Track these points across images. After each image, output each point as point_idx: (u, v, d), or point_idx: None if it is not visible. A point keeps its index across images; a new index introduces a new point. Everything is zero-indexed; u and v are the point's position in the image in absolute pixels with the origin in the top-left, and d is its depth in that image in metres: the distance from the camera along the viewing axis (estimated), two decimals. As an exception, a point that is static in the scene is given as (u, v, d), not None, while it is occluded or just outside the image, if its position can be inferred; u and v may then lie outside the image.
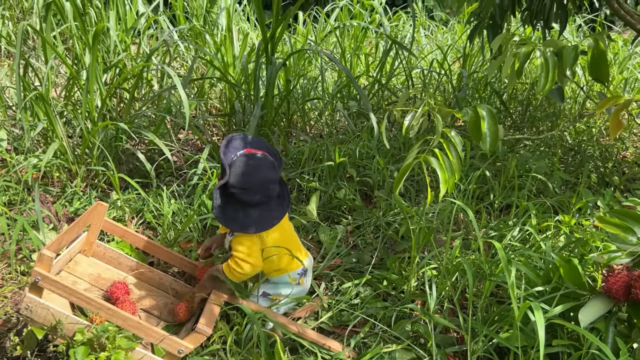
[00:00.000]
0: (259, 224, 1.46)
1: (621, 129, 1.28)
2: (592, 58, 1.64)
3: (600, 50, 1.61)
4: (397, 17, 5.33)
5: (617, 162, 3.07)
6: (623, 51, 4.44)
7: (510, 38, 1.76)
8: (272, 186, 1.47)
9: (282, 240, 1.54)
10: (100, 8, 3.19)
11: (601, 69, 1.64)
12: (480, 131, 1.60)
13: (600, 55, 1.62)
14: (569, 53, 1.64)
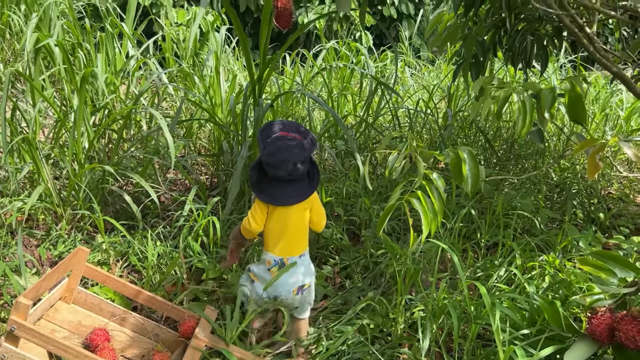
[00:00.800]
0: (270, 197, 1.64)
1: (598, 171, 1.30)
2: (569, 101, 1.67)
3: (577, 94, 1.65)
4: (384, 57, 5.44)
5: (602, 198, 3.10)
6: (604, 89, 4.54)
7: (490, 81, 1.80)
8: (299, 165, 1.62)
9: (278, 223, 1.66)
10: (90, 50, 3.24)
11: (579, 112, 1.68)
12: (461, 173, 1.61)
13: (577, 98, 1.66)
14: (546, 96, 1.67)
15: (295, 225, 1.68)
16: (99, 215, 2.16)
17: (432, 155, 1.68)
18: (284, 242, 1.67)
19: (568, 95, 1.66)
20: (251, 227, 1.66)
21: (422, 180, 1.58)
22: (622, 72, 1.90)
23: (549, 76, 4.34)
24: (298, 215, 1.68)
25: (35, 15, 2.94)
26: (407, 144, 1.71)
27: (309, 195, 1.68)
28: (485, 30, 2.82)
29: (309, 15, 6.99)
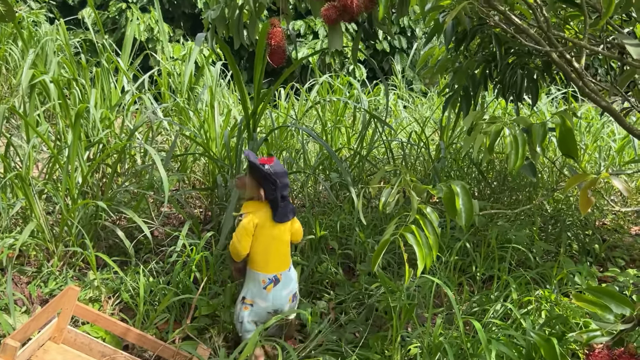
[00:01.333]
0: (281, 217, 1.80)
1: (591, 205, 1.30)
2: (560, 135, 1.69)
3: (567, 128, 1.67)
4: (377, 90, 5.51)
5: (596, 229, 3.11)
6: (596, 120, 4.60)
7: (481, 116, 1.82)
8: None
9: (265, 242, 1.79)
10: (86, 85, 3.26)
11: (570, 145, 1.69)
12: (455, 207, 1.61)
13: (567, 132, 1.67)
14: (537, 130, 1.69)
15: (283, 241, 1.83)
16: (91, 252, 2.14)
17: (426, 190, 1.68)
18: (274, 258, 1.80)
19: (559, 130, 1.68)
20: (241, 251, 1.78)
21: (415, 214, 1.58)
22: (611, 106, 1.93)
23: (540, 109, 4.39)
24: (285, 231, 1.83)
25: (32, 52, 2.96)
26: (401, 178, 1.72)
27: (295, 212, 1.86)
28: (476, 64, 2.87)
29: (302, 50, 7.10)
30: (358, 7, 1.69)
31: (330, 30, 1.87)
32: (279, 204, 1.78)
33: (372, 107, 5.04)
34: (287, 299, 1.84)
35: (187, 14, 8.01)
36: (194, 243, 2.37)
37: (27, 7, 6.76)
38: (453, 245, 2.43)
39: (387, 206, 1.70)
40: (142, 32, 7.00)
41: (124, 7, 7.40)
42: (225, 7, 2.02)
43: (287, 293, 1.83)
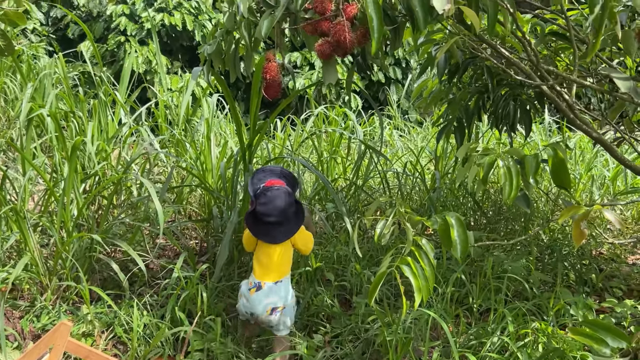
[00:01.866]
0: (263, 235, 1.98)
1: (584, 238, 1.31)
2: (552, 166, 1.71)
3: (560, 160, 1.69)
4: (372, 120, 5.57)
5: (593, 259, 3.10)
6: (589, 149, 4.64)
7: (475, 147, 1.84)
8: (289, 210, 1.95)
9: (262, 253, 1.99)
10: (83, 118, 3.29)
11: (562, 177, 1.71)
12: (450, 239, 1.62)
13: (560, 164, 1.69)
14: (530, 162, 1.71)
15: (277, 257, 1.98)
16: (85, 286, 2.12)
17: (420, 222, 1.69)
18: (263, 269, 1.98)
19: (551, 161, 1.70)
20: (245, 247, 2.08)
21: (411, 246, 1.58)
22: (602, 138, 1.95)
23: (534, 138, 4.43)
24: (282, 249, 1.99)
25: (30, 86, 3.00)
26: (395, 209, 1.72)
27: (295, 232, 2.00)
28: (469, 96, 2.91)
29: (299, 81, 7.18)
30: (351, 43, 1.72)
31: (325, 65, 1.90)
32: (253, 223, 1.98)
33: (367, 138, 5.08)
34: (265, 309, 1.94)
35: (185, 47, 8.11)
36: (188, 276, 2.36)
37: (27, 40, 6.86)
38: (449, 276, 2.42)
39: (383, 238, 1.70)
40: (140, 64, 7.08)
41: (123, 40, 7.50)
42: (222, 41, 2.05)
43: (266, 303, 1.94)
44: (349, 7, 1.77)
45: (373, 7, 1.64)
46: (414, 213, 1.71)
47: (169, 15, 7.51)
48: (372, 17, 1.64)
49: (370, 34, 1.65)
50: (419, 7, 1.62)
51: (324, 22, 1.81)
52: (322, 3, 1.79)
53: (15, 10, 2.36)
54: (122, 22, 7.56)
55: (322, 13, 1.80)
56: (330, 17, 1.80)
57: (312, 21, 1.83)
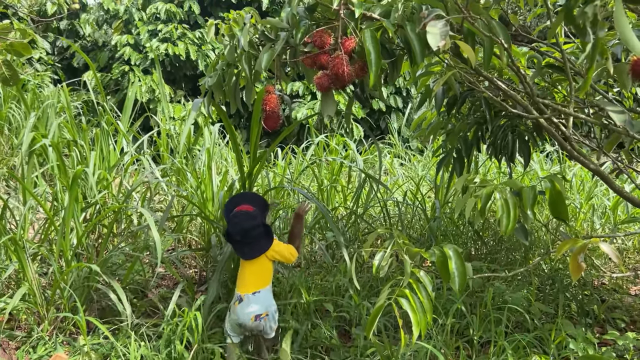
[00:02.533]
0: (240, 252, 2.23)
1: (581, 271, 1.30)
2: (550, 199, 1.71)
3: (557, 192, 1.69)
4: (374, 149, 5.59)
5: (595, 289, 3.08)
6: (588, 178, 4.64)
7: (472, 179, 1.85)
8: (253, 231, 2.16)
9: (241, 267, 2.22)
10: (85, 147, 3.32)
11: (560, 209, 1.71)
12: (448, 271, 1.61)
13: (557, 196, 1.69)
14: (528, 194, 1.71)
15: (252, 271, 2.18)
16: (81, 317, 2.11)
17: (419, 253, 1.69)
18: (242, 282, 2.18)
19: (549, 193, 1.70)
20: None
21: (409, 279, 1.57)
22: (599, 169, 1.96)
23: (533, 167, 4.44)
24: (256, 263, 2.19)
25: (33, 115, 3.04)
26: (393, 241, 1.72)
27: (265, 250, 2.19)
28: (467, 127, 2.93)
29: (301, 110, 7.26)
30: (349, 76, 1.75)
31: (323, 97, 1.93)
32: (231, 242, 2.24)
33: (368, 166, 5.11)
34: (249, 317, 2.12)
35: (188, 76, 8.23)
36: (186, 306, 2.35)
37: (32, 69, 6.96)
38: (449, 307, 2.41)
39: (381, 270, 1.69)
40: (143, 93, 7.17)
41: (127, 70, 7.62)
42: (223, 73, 2.09)
43: (249, 312, 2.12)
44: (347, 41, 1.81)
45: (371, 41, 1.67)
46: (412, 244, 1.71)
47: (173, 45, 7.64)
48: (369, 51, 1.67)
49: (368, 67, 1.68)
50: (416, 42, 1.65)
51: (323, 56, 1.84)
52: (321, 37, 1.82)
53: (21, 41, 2.40)
54: (126, 51, 7.69)
55: (321, 47, 1.84)
56: (329, 51, 1.83)
57: (311, 54, 1.86)
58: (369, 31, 1.69)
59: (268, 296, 2.20)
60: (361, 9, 1.75)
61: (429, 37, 1.29)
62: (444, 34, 1.28)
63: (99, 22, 8.48)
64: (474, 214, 1.77)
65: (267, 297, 2.19)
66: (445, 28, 1.30)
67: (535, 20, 6.64)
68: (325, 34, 1.83)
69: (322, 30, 1.83)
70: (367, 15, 1.79)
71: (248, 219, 2.18)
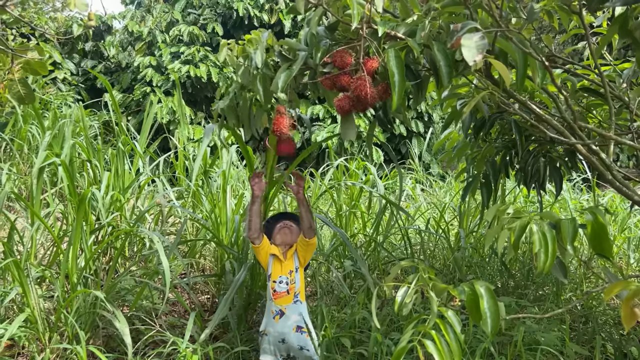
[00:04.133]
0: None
1: (636, 320, 1.14)
2: (592, 232, 1.55)
3: (601, 225, 1.53)
4: (394, 174, 5.45)
5: (632, 329, 2.86)
6: (621, 209, 4.43)
7: (505, 209, 1.70)
8: None
9: None
10: (100, 167, 3.25)
11: (603, 244, 1.54)
12: (479, 311, 1.45)
13: (600, 230, 1.53)
14: (567, 227, 1.55)
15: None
16: (82, 348, 1.99)
17: (446, 290, 1.53)
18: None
19: (590, 227, 1.54)
20: None
21: (435, 318, 1.42)
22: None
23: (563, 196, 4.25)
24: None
25: (48, 134, 2.98)
26: (418, 275, 1.57)
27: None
28: (495, 151, 2.79)
29: (321, 133, 7.17)
30: (372, 99, 1.63)
31: (343, 121, 1.81)
32: None
33: (389, 191, 4.96)
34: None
35: (210, 98, 8.24)
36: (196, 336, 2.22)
37: (55, 89, 7.03)
38: (475, 346, 2.23)
39: (404, 308, 1.55)
40: (164, 114, 7.18)
41: (149, 91, 7.66)
42: (236, 97, 1.99)
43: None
44: (369, 61, 1.69)
45: (395, 61, 1.56)
46: (438, 280, 1.56)
47: (195, 67, 7.67)
48: (393, 72, 1.55)
49: (391, 89, 1.56)
50: (443, 62, 1.53)
51: (344, 77, 1.72)
52: (342, 57, 1.71)
53: (38, 60, 2.35)
54: (148, 73, 7.74)
55: (342, 67, 1.72)
56: (350, 72, 1.72)
57: (331, 75, 1.75)
58: (392, 51, 1.57)
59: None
60: (385, 27, 1.63)
61: (464, 51, 1.16)
62: (481, 48, 1.16)
63: (124, 44, 8.59)
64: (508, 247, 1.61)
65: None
66: (483, 41, 1.17)
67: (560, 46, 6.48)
68: (347, 54, 1.72)
69: (342, 50, 1.72)
70: (391, 34, 1.67)
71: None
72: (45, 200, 3.01)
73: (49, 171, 3.30)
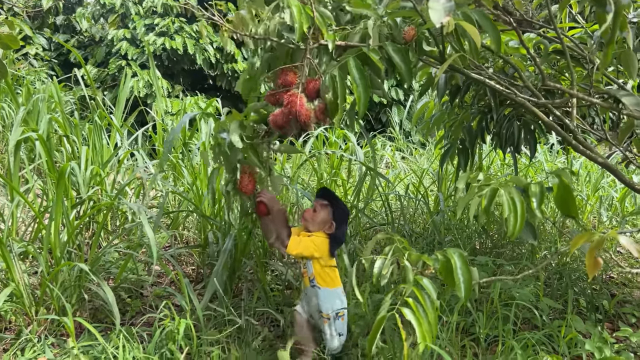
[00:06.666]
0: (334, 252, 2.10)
1: (599, 269, 1.21)
2: (558, 194, 1.60)
3: (565, 186, 1.58)
4: (374, 142, 5.49)
5: (604, 283, 2.98)
6: (594, 170, 4.54)
7: (475, 177, 1.74)
8: None
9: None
10: (77, 141, 3.22)
11: (569, 205, 1.60)
12: (453, 279, 1.51)
13: (565, 191, 1.58)
14: (535, 191, 1.60)
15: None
16: (69, 319, 2.02)
17: (421, 259, 1.58)
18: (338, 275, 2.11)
19: (556, 189, 1.59)
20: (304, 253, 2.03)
21: (412, 287, 1.47)
22: (608, 163, 1.86)
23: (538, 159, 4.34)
24: None
25: (23, 109, 2.94)
26: (394, 246, 1.61)
27: None
28: (471, 117, 2.83)
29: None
30: (307, 117, 1.64)
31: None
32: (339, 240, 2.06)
33: (368, 160, 5.00)
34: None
35: (187, 70, 8.11)
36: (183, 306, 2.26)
37: (27, 65, 6.86)
38: (454, 304, 2.31)
39: (381, 279, 1.59)
40: (141, 88, 7.07)
41: (124, 64, 7.51)
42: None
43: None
44: (311, 82, 1.69)
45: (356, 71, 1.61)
46: (413, 250, 1.61)
47: (170, 40, 7.52)
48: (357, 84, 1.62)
49: (357, 99, 1.61)
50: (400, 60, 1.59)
51: (285, 94, 1.72)
52: (285, 75, 1.73)
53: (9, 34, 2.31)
54: (123, 46, 7.58)
55: (287, 85, 1.73)
56: (293, 90, 1.73)
57: (274, 92, 1.77)
58: (352, 60, 1.60)
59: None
60: (333, 38, 1.64)
61: (431, 14, 1.18)
62: (448, 10, 1.18)
63: (95, 17, 8.36)
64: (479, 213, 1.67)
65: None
66: (450, 3, 1.19)
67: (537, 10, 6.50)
68: (290, 72, 1.73)
69: (287, 68, 1.73)
70: (342, 45, 1.68)
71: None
72: (24, 177, 2.99)
73: (26, 147, 3.26)
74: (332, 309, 2.05)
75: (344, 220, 2.07)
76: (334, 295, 2.06)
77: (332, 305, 2.05)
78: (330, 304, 2.05)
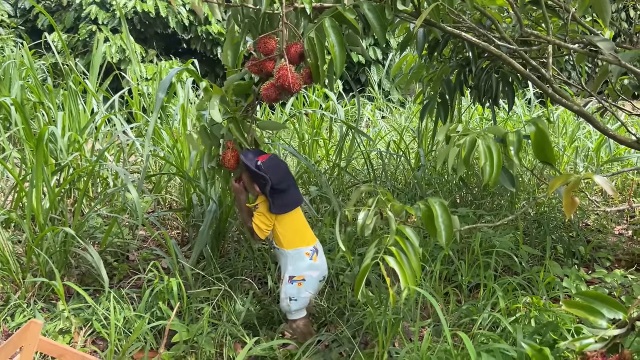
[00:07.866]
0: (293, 204, 1.97)
1: (575, 208, 1.25)
2: (535, 142, 1.63)
3: (542, 133, 1.62)
4: (354, 102, 5.48)
5: (580, 231, 3.08)
6: (571, 122, 4.62)
7: (454, 128, 1.76)
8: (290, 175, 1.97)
9: (296, 220, 1.99)
10: (53, 108, 3.16)
11: (546, 152, 1.63)
12: (434, 226, 1.55)
13: (542, 138, 1.62)
14: (512, 139, 1.63)
15: (300, 216, 2.02)
16: (58, 282, 2.03)
17: (404, 209, 1.62)
18: (308, 231, 2.02)
19: (534, 137, 1.63)
20: (264, 232, 1.95)
21: (395, 236, 1.51)
22: (584, 110, 1.90)
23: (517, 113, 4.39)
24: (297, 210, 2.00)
25: (-6, 76, 2.86)
26: (377, 198, 1.64)
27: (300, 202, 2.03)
28: (450, 70, 2.84)
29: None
30: (297, 86, 1.68)
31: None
32: (275, 197, 1.90)
33: (349, 119, 5.00)
34: (326, 266, 2.06)
35: (160, 34, 7.91)
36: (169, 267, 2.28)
37: (-6, 32, 6.63)
38: (437, 254, 2.38)
39: (365, 230, 1.62)
40: (114, 53, 6.89)
41: (95, 30, 7.29)
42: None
43: (324, 259, 2.05)
44: (293, 46, 1.70)
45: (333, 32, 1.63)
46: (396, 201, 1.64)
47: (142, 2, 7.30)
48: (333, 44, 1.63)
49: (334, 61, 1.63)
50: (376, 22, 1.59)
51: (269, 63, 1.75)
52: (265, 44, 1.73)
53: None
54: (92, 10, 7.34)
55: (267, 53, 1.74)
56: (276, 57, 1.74)
57: (257, 62, 1.77)
58: (328, 20, 1.60)
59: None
60: (310, 1, 1.63)
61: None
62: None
63: (62, -20, 8.04)
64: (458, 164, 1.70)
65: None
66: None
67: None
68: (270, 40, 1.73)
69: (266, 36, 1.73)
70: (318, 7, 1.67)
71: (280, 160, 1.96)
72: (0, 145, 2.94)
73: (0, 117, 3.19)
74: (284, 272, 2.01)
75: (259, 177, 1.88)
76: (287, 257, 1.99)
77: (285, 268, 2.01)
78: (284, 266, 2.02)
